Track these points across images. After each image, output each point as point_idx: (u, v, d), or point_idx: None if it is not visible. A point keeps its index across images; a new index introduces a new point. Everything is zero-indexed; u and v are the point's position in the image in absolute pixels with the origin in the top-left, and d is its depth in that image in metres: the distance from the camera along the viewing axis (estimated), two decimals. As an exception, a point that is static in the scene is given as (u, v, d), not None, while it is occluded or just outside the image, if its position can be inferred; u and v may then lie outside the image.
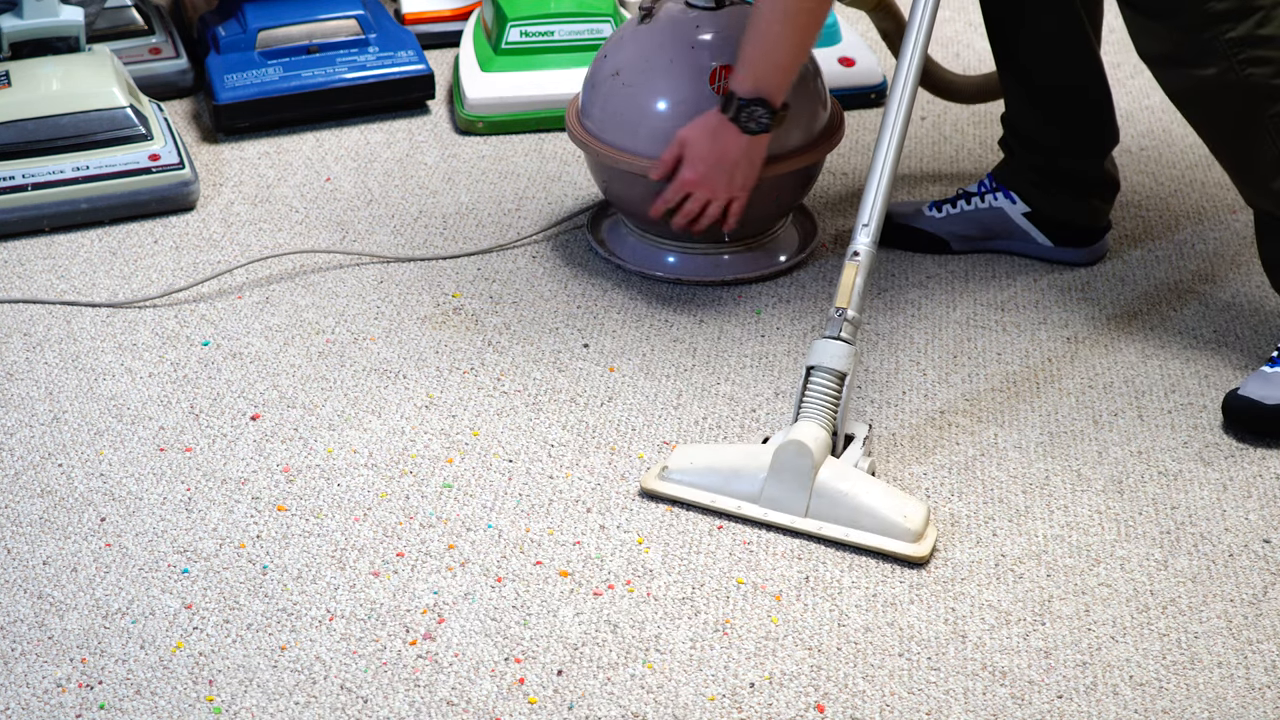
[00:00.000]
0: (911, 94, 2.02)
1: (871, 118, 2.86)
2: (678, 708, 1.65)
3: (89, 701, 1.65)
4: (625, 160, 2.28)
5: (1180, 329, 2.27)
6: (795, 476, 1.86)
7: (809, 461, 1.86)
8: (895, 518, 1.83)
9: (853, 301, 1.94)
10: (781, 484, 1.87)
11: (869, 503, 1.85)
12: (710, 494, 1.91)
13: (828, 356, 1.91)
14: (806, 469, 1.86)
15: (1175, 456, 2.01)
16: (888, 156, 2.00)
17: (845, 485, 1.86)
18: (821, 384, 1.91)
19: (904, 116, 2.01)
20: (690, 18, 2.29)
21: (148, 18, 2.94)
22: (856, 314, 1.94)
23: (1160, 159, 2.73)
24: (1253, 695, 1.67)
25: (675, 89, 2.26)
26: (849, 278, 1.95)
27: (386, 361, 2.19)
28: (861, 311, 1.95)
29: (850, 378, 1.91)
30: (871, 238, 1.97)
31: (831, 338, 1.92)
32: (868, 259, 1.96)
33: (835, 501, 1.86)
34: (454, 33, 3.13)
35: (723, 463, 1.92)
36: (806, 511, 1.87)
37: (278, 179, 2.65)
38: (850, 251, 1.96)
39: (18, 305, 2.30)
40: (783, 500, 1.87)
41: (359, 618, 1.76)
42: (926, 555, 1.82)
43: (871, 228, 1.97)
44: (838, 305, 1.94)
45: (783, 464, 1.87)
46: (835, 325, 1.93)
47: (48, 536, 1.87)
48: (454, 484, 1.96)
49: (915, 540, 1.83)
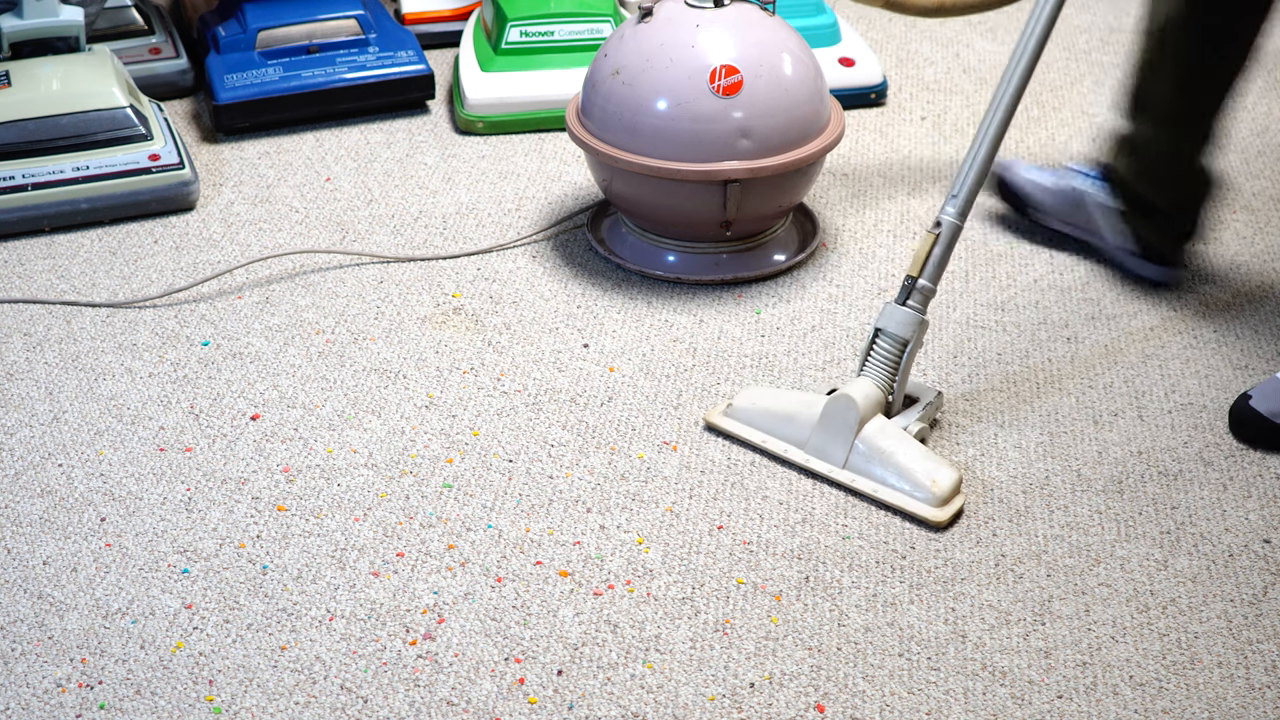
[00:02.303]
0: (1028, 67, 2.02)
1: (871, 118, 2.86)
2: (678, 708, 1.65)
3: (89, 701, 1.65)
4: (626, 159, 2.28)
5: (1180, 329, 2.27)
6: (840, 428, 1.94)
7: (855, 415, 1.93)
8: (923, 479, 1.89)
9: (926, 271, 1.97)
10: (827, 434, 1.95)
11: (902, 462, 1.91)
12: (764, 435, 2.00)
13: (893, 322, 1.97)
14: (852, 422, 1.93)
15: (1175, 456, 2.01)
16: (989, 130, 2.01)
17: (885, 443, 1.92)
18: (883, 346, 1.97)
19: (1015, 88, 2.01)
20: (690, 17, 2.29)
21: (148, 18, 2.94)
22: (929, 283, 1.97)
23: (1160, 159, 2.73)
24: (1253, 695, 1.67)
25: (676, 88, 2.26)
26: (925, 246, 1.97)
27: (386, 361, 2.19)
28: (937, 281, 1.98)
29: (914, 344, 1.96)
30: (958, 209, 1.98)
31: (899, 304, 1.97)
32: (950, 230, 1.98)
33: (871, 457, 1.92)
34: (454, 33, 3.13)
35: (781, 407, 2.00)
36: (845, 463, 1.94)
37: (278, 179, 2.65)
38: (934, 221, 1.99)
39: (18, 305, 2.30)
40: (826, 449, 1.95)
41: (359, 618, 1.76)
42: (945, 520, 1.87)
43: (960, 199, 1.99)
44: (909, 273, 1.97)
45: (831, 415, 1.94)
46: (904, 292, 1.97)
47: (48, 536, 1.87)
48: (454, 484, 1.97)
49: (939, 505, 1.88)
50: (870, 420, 1.95)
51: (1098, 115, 2.89)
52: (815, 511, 1.92)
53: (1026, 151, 2.75)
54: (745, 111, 2.25)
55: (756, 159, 2.26)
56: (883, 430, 1.94)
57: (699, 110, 2.24)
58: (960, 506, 1.90)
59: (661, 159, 2.26)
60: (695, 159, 2.25)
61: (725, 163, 2.25)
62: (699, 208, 2.30)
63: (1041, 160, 2.44)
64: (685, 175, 2.25)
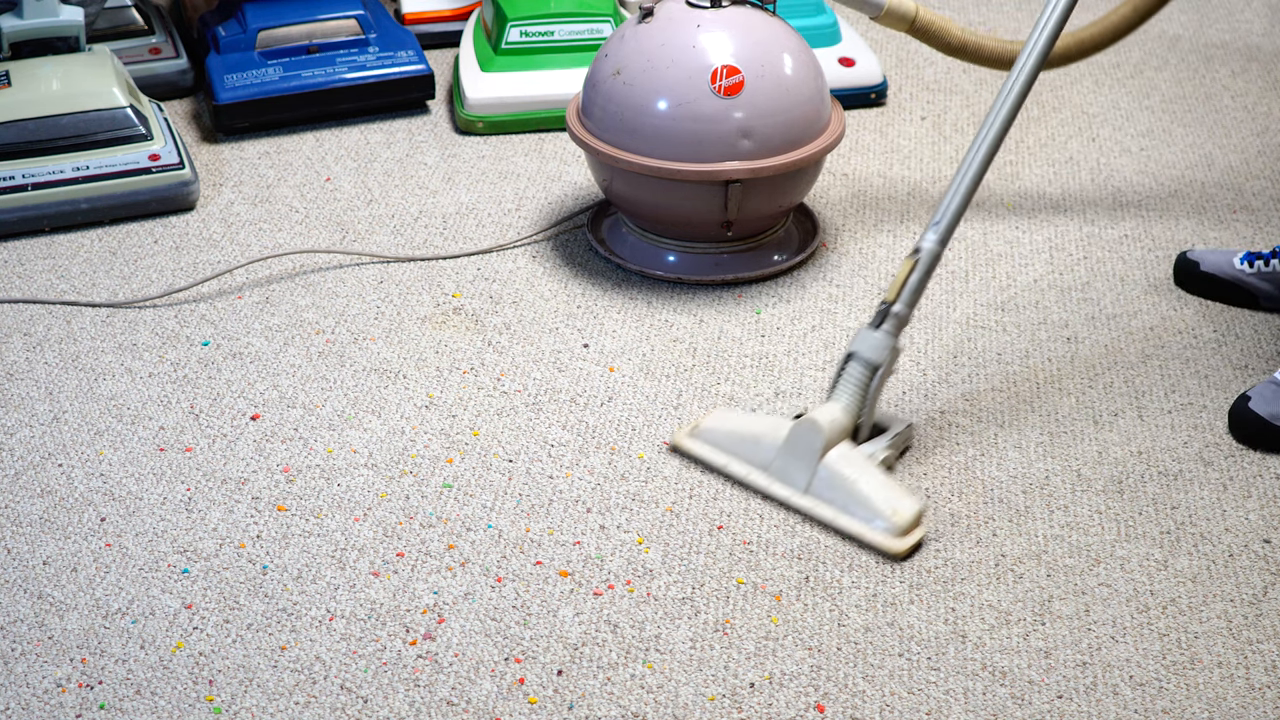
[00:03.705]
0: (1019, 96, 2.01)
1: (871, 118, 2.86)
2: (678, 708, 1.65)
3: (89, 701, 1.65)
4: (626, 159, 2.28)
5: (1180, 329, 2.27)
6: (804, 453, 1.90)
7: (819, 441, 1.89)
8: (884, 509, 1.85)
9: (902, 297, 1.94)
10: (791, 458, 1.91)
11: (864, 490, 1.87)
12: (728, 457, 1.96)
13: (865, 346, 1.94)
14: (816, 447, 1.89)
15: (1175, 456, 2.01)
16: (975, 159, 2.00)
17: (848, 470, 1.88)
18: (854, 371, 1.93)
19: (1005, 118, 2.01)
20: (691, 17, 2.29)
21: (148, 18, 2.94)
22: (904, 309, 1.94)
23: (1160, 159, 2.73)
24: (1253, 695, 1.67)
25: (676, 89, 2.26)
26: (903, 272, 1.95)
27: (386, 361, 2.19)
28: (913, 308, 1.95)
29: (885, 370, 1.93)
30: (939, 236, 1.96)
31: (873, 328, 1.94)
32: (929, 258, 1.95)
33: (833, 484, 1.89)
34: (454, 33, 3.13)
35: (746, 429, 1.97)
36: (807, 489, 1.90)
37: (278, 179, 2.65)
38: (913, 247, 1.97)
39: (18, 305, 2.30)
40: (789, 474, 1.92)
41: (359, 618, 1.76)
42: (903, 552, 1.83)
43: (941, 226, 1.97)
44: (885, 298, 1.95)
45: (795, 439, 1.91)
46: (879, 316, 1.94)
47: (48, 536, 1.87)
48: (454, 484, 1.96)
49: (898, 535, 1.84)
50: (835, 446, 1.91)
51: (1097, 115, 2.89)
52: (815, 511, 1.93)
53: (1027, 151, 2.75)
54: (746, 112, 2.25)
55: (757, 159, 2.26)
56: (847, 457, 1.90)
57: (700, 110, 2.24)
58: (921, 538, 1.85)
59: (662, 159, 2.26)
60: (696, 159, 2.25)
61: (726, 163, 2.25)
62: (700, 208, 2.30)
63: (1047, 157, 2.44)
64: (686, 175, 2.25)
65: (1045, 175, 2.68)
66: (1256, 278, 2.28)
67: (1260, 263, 2.28)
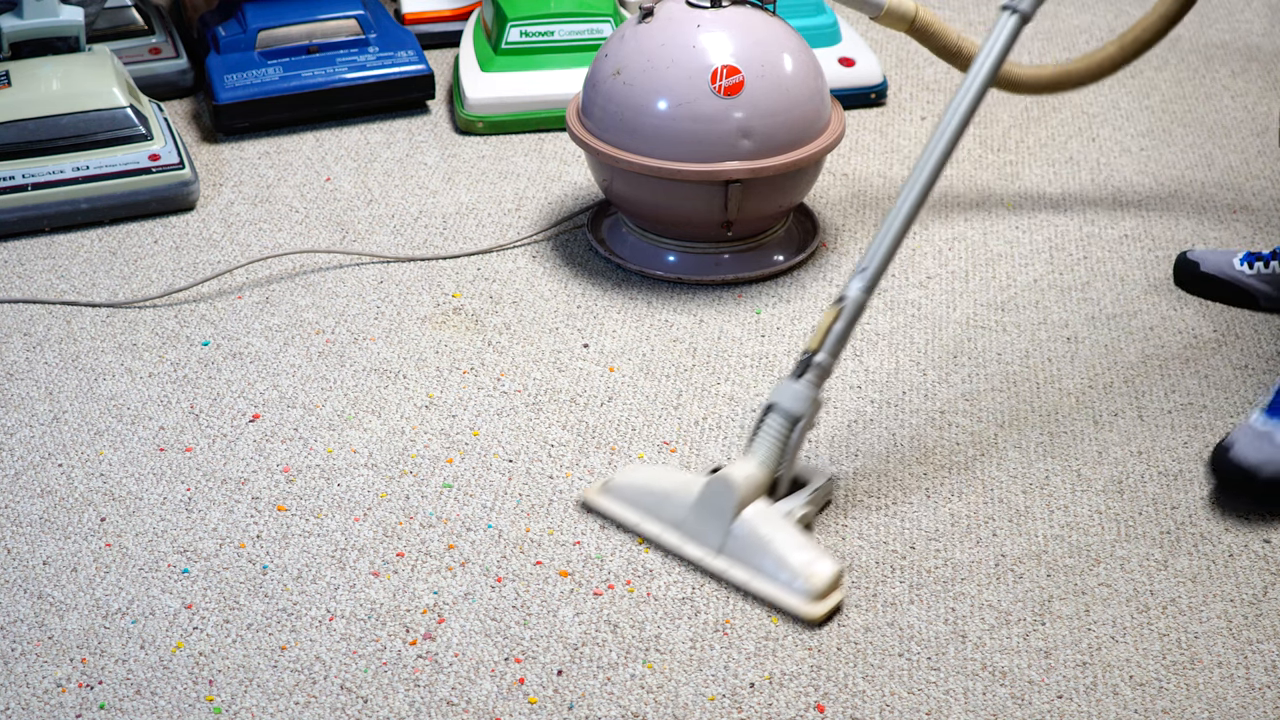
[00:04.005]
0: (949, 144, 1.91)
1: (871, 117, 2.86)
2: (678, 708, 1.65)
3: (89, 701, 1.65)
4: (626, 159, 2.28)
5: (1180, 329, 2.27)
6: (718, 511, 1.80)
7: (733, 499, 1.79)
8: (800, 571, 1.75)
9: (825, 345, 1.85)
10: (704, 517, 1.82)
11: (779, 551, 1.77)
12: (640, 515, 1.87)
13: (784, 397, 1.84)
14: (729, 505, 1.80)
15: (1175, 456, 2.01)
16: (904, 206, 1.90)
17: (763, 530, 1.79)
18: (773, 424, 1.84)
19: (934, 165, 1.91)
20: (691, 17, 2.29)
21: (148, 18, 2.94)
22: (827, 359, 1.85)
23: (1160, 159, 2.73)
24: (1253, 695, 1.67)
25: (677, 89, 2.26)
26: (826, 320, 1.86)
27: (386, 361, 2.19)
28: (836, 357, 1.86)
29: (805, 423, 1.84)
30: (865, 284, 1.87)
31: (793, 378, 1.85)
32: (854, 306, 1.86)
33: (748, 544, 1.79)
34: (454, 33, 3.13)
35: (660, 485, 1.87)
36: (721, 549, 1.81)
37: (278, 179, 2.65)
38: (838, 295, 1.88)
39: (18, 305, 2.30)
40: (702, 533, 1.82)
41: (359, 618, 1.76)
42: (820, 617, 1.74)
43: (868, 274, 1.87)
44: (808, 347, 1.86)
45: (708, 497, 1.81)
46: (800, 367, 1.85)
47: (48, 536, 1.87)
48: (454, 484, 1.96)
49: (814, 599, 1.74)
50: (750, 504, 1.80)
51: (1097, 115, 2.89)
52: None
53: (1027, 151, 2.75)
54: (746, 112, 2.25)
55: (757, 159, 2.26)
56: (762, 516, 1.80)
57: (700, 110, 2.24)
58: (839, 602, 1.76)
59: (662, 159, 2.26)
60: (696, 159, 2.25)
61: (726, 163, 2.25)
62: (700, 208, 2.30)
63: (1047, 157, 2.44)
64: (686, 175, 2.25)
65: (1045, 175, 2.68)
66: (1256, 279, 2.27)
67: (1260, 264, 2.27)
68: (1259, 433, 1.90)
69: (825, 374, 1.85)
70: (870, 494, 1.95)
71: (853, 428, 2.07)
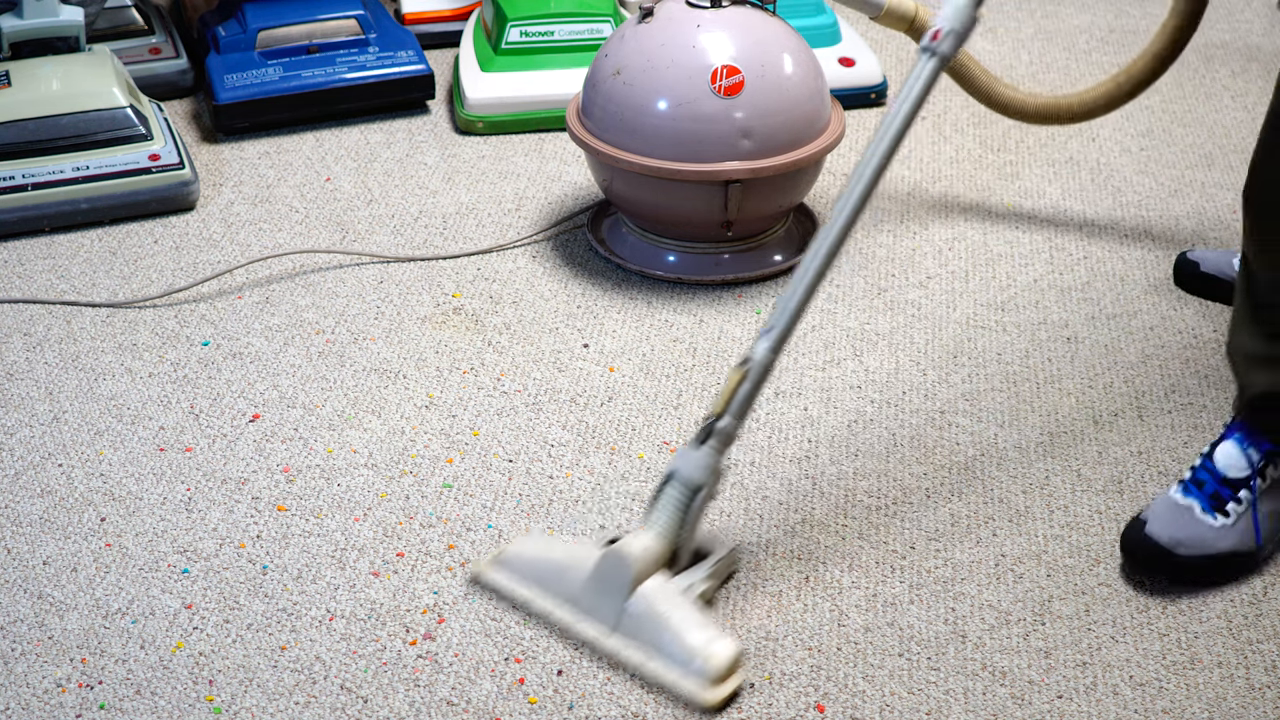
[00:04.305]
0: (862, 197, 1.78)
1: (872, 117, 2.86)
2: (678, 708, 1.65)
3: (89, 701, 1.65)
4: (626, 159, 2.28)
5: (1180, 329, 2.27)
6: (612, 588, 1.71)
7: (628, 575, 1.70)
8: (697, 653, 1.66)
9: (730, 410, 1.74)
10: (598, 593, 1.72)
11: (676, 631, 1.67)
12: (532, 591, 1.77)
13: (685, 465, 1.74)
14: (624, 581, 1.70)
15: (1175, 456, 2.01)
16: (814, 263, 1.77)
17: (660, 608, 1.69)
18: (671, 493, 1.74)
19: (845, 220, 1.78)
20: (691, 17, 2.29)
21: (148, 18, 2.94)
22: (732, 423, 1.74)
23: (1160, 159, 2.73)
24: (1253, 695, 1.67)
25: (677, 89, 2.26)
26: (731, 384, 1.75)
27: (386, 361, 2.19)
28: (742, 421, 1.75)
29: (707, 492, 1.74)
30: (771, 344, 1.75)
31: (694, 445, 1.74)
32: (760, 368, 1.75)
33: (643, 623, 1.69)
34: (454, 33, 3.13)
35: (553, 558, 1.78)
36: (615, 628, 1.71)
37: (278, 179, 2.65)
38: (743, 356, 1.76)
39: (18, 305, 2.30)
40: (596, 611, 1.72)
41: (359, 618, 1.76)
42: (717, 704, 1.64)
43: (775, 334, 1.76)
44: (711, 411, 1.75)
45: (603, 572, 1.72)
46: (703, 433, 1.74)
47: (48, 536, 1.87)
48: (454, 484, 1.96)
49: (711, 684, 1.65)
50: (647, 579, 1.70)
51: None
52: (815, 512, 1.92)
53: (1027, 151, 2.75)
54: (746, 112, 2.25)
55: (758, 159, 2.26)
56: (659, 592, 1.70)
57: (700, 110, 2.24)
58: (737, 686, 1.66)
59: (662, 159, 2.26)
60: (696, 159, 2.25)
61: (726, 163, 2.25)
62: (699, 208, 2.30)
63: (1047, 157, 2.44)
64: (686, 175, 2.25)
65: (1045, 175, 2.68)
66: None
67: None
68: (1178, 507, 1.82)
69: (729, 440, 1.74)
70: (870, 494, 1.95)
71: (853, 428, 2.07)
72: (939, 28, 1.82)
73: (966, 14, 1.82)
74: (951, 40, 1.81)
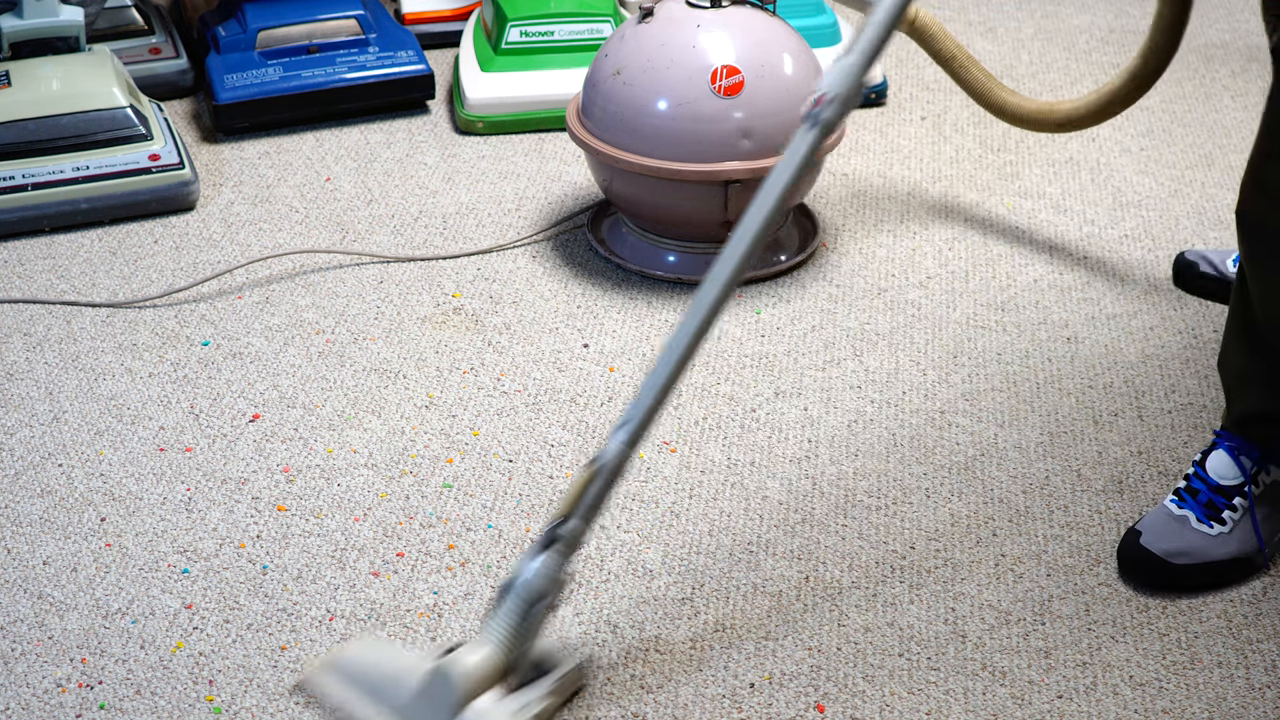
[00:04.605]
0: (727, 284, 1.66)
1: (871, 117, 2.86)
2: (677, 708, 1.65)
3: (89, 701, 1.65)
4: (626, 159, 2.28)
5: (1180, 329, 2.27)
6: (439, 706, 1.57)
7: (456, 693, 1.56)
8: None
9: (578, 510, 1.61)
10: (425, 711, 1.59)
11: None
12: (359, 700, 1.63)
13: (526, 572, 1.61)
14: (452, 701, 1.56)
15: (1175, 456, 2.01)
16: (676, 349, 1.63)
17: None
18: (511, 604, 1.60)
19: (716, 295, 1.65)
20: (691, 17, 2.29)
21: (148, 18, 2.94)
22: (579, 525, 1.61)
23: (1160, 159, 2.73)
24: (1253, 695, 1.67)
25: (676, 89, 2.25)
26: (579, 484, 1.61)
27: (386, 361, 2.19)
28: (590, 523, 1.62)
29: (550, 600, 1.61)
30: (624, 440, 1.61)
31: (536, 551, 1.61)
32: (609, 469, 1.61)
33: None
34: (454, 33, 3.13)
35: (386, 666, 1.65)
36: None
37: (278, 179, 2.65)
38: (593, 456, 1.63)
39: (18, 305, 2.30)
40: None
41: (359, 618, 1.76)
42: None
43: (630, 427, 1.62)
44: (558, 512, 1.62)
45: (431, 688, 1.58)
46: (546, 538, 1.61)
47: (48, 536, 1.87)
48: (454, 484, 1.96)
49: None
50: (478, 697, 1.57)
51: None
52: (815, 511, 1.92)
53: (1027, 151, 2.75)
54: (746, 112, 2.25)
55: (758, 159, 2.26)
56: (491, 714, 1.57)
57: (700, 110, 2.24)
58: None
59: (662, 159, 2.26)
60: (696, 159, 2.25)
61: (726, 163, 2.25)
62: (699, 208, 2.30)
63: (1047, 157, 2.44)
64: (686, 175, 2.25)
65: (1045, 175, 2.68)
66: None
67: None
68: (1173, 518, 1.82)
69: (575, 544, 1.62)
70: (870, 494, 1.95)
71: (853, 428, 2.07)
72: (822, 93, 1.64)
73: (852, 79, 1.64)
74: (835, 107, 1.63)
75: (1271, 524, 1.82)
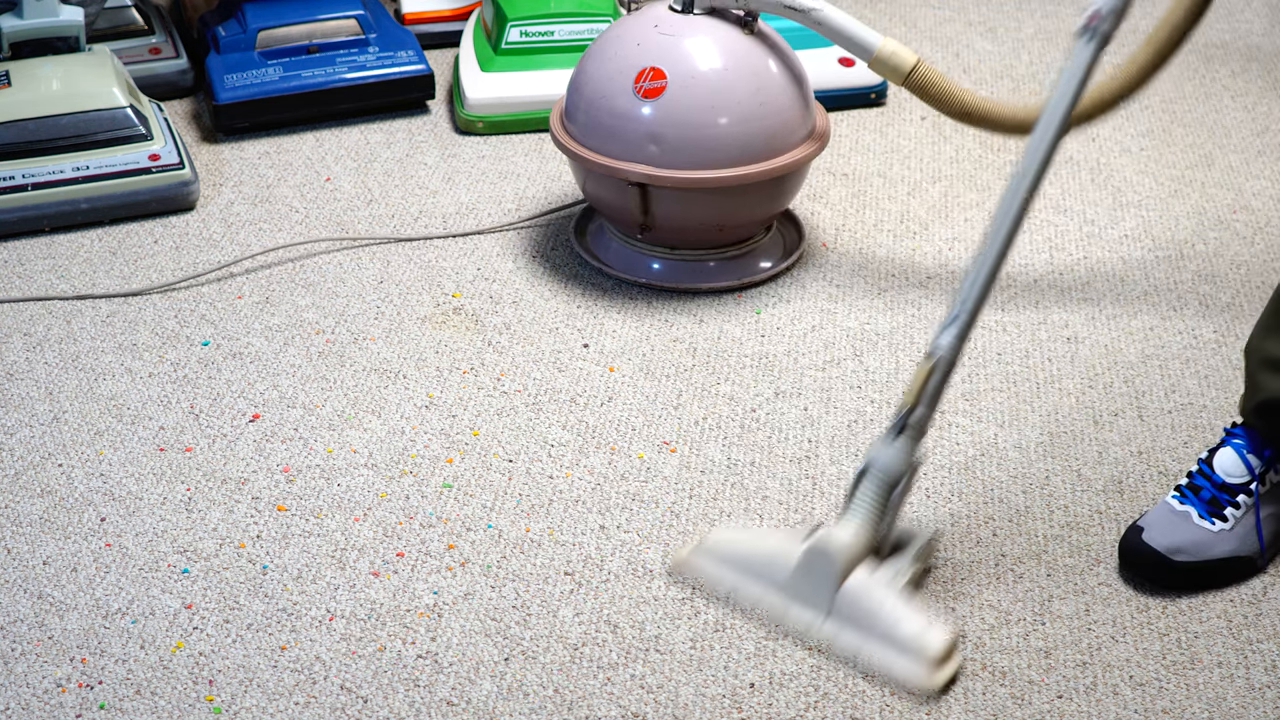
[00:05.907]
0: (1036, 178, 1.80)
1: (871, 117, 2.86)
2: (678, 708, 1.65)
3: (89, 701, 1.65)
4: (600, 164, 2.26)
5: (1180, 329, 2.27)
6: (820, 580, 1.73)
7: (835, 567, 1.72)
8: (912, 641, 1.68)
9: (923, 400, 1.74)
10: (806, 585, 1.74)
11: (888, 622, 1.70)
12: (737, 578, 1.80)
13: (883, 457, 1.75)
14: (832, 574, 1.72)
15: (1175, 456, 2.01)
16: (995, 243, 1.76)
17: (871, 597, 1.72)
18: (870, 486, 1.75)
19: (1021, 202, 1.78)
20: (656, 18, 2.25)
21: (148, 18, 2.94)
22: (925, 412, 1.75)
23: (1160, 159, 2.73)
24: (1253, 695, 1.67)
25: (606, 82, 2.24)
26: (921, 376, 1.74)
27: (386, 361, 2.19)
28: (933, 410, 1.75)
29: (906, 482, 1.75)
30: (955, 334, 1.74)
31: (890, 438, 1.75)
32: (945, 361, 1.74)
33: (854, 613, 1.72)
34: (454, 33, 3.13)
35: (756, 549, 1.80)
36: (828, 616, 1.74)
37: (278, 179, 2.65)
38: (929, 348, 1.76)
39: (18, 305, 2.30)
40: (807, 599, 1.75)
41: (359, 618, 1.76)
42: (938, 687, 1.67)
43: (958, 325, 1.74)
44: (904, 403, 1.75)
45: (809, 565, 1.74)
46: (897, 425, 1.75)
47: (48, 536, 1.87)
48: (454, 484, 1.97)
49: (930, 668, 1.67)
50: (854, 570, 1.73)
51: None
52: (815, 511, 1.93)
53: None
54: (658, 117, 2.21)
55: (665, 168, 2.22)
56: (869, 583, 1.72)
57: (616, 106, 2.24)
58: (956, 671, 1.69)
59: (590, 151, 2.26)
60: (611, 155, 2.24)
61: (635, 164, 2.23)
62: (627, 204, 2.28)
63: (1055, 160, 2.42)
64: (601, 169, 2.25)
65: (1045, 175, 2.68)
66: None
67: None
68: (1175, 513, 1.82)
69: (923, 430, 1.76)
70: (870, 494, 1.95)
71: (853, 428, 2.07)
72: (1096, 9, 1.77)
73: None
74: (1110, 20, 1.77)
75: (1273, 524, 1.82)
